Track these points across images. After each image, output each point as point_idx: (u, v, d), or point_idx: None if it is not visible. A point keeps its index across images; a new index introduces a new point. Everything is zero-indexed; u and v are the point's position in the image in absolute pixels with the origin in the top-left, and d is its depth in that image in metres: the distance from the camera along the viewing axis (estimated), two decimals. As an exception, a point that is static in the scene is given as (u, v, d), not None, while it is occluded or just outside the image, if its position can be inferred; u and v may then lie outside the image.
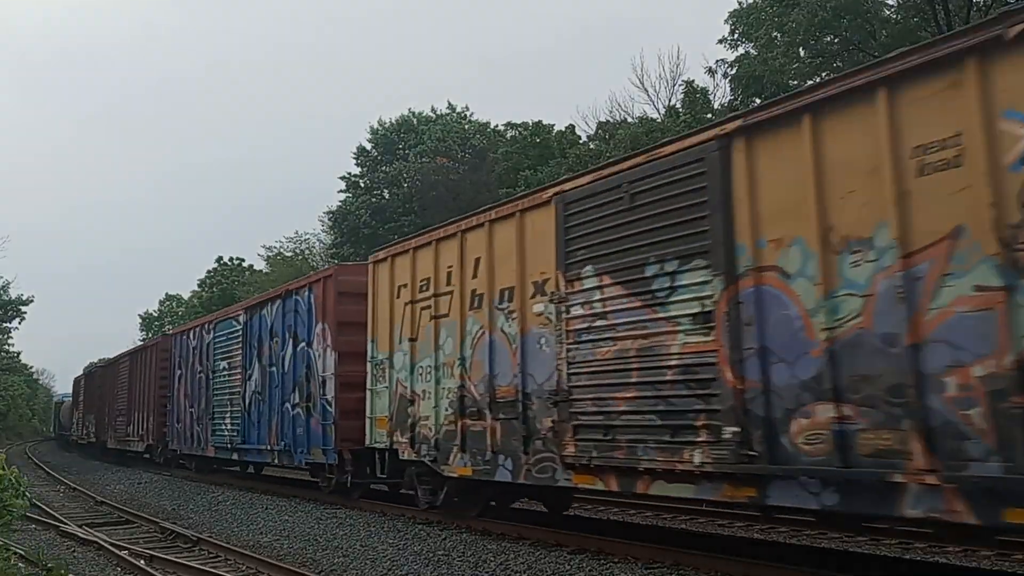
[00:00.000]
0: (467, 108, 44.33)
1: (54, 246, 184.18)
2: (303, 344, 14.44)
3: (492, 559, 8.54)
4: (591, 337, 8.05)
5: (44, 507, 15.01)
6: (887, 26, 24.99)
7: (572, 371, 8.24)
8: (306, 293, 14.51)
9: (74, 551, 10.65)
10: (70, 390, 55.02)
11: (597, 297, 8.03)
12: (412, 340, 11.10)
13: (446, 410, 10.38)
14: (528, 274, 9.03)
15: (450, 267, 10.46)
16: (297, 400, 14.46)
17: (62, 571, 8.66)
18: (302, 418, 14.20)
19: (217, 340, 19.01)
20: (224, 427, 18.27)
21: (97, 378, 34.77)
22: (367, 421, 12.12)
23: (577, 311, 8.24)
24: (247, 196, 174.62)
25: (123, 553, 9.97)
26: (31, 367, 78.30)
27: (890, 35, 23.72)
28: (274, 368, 15.61)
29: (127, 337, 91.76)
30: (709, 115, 27.14)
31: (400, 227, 33.58)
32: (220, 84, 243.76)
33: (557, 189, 8.81)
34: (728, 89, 29.31)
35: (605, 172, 8.20)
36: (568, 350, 8.29)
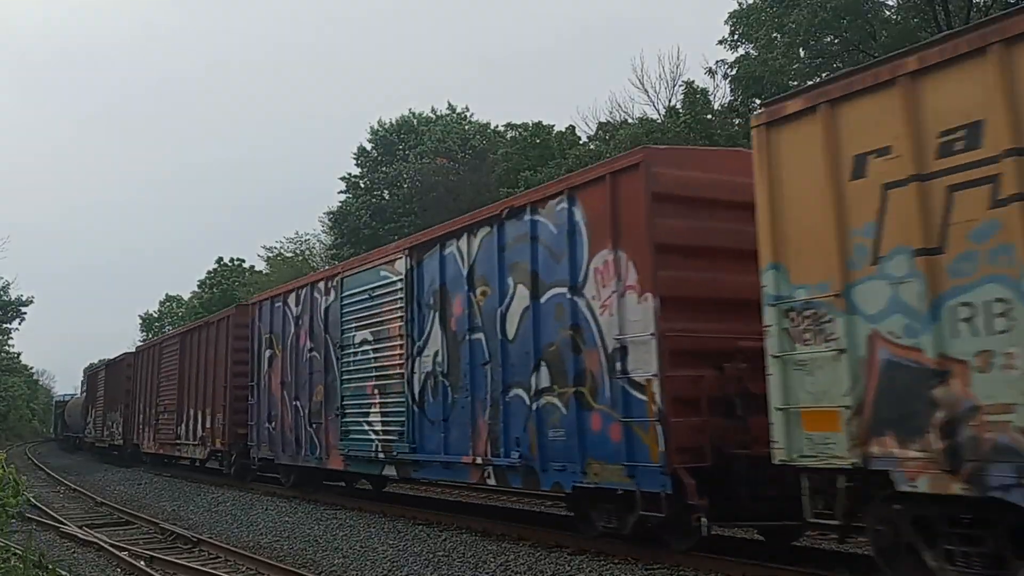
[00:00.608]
0: (467, 109, 44.52)
1: (54, 246, 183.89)
2: (558, 291, 8.90)
3: (492, 560, 8.54)
4: None
5: (44, 508, 15.01)
6: (887, 27, 25.01)
7: None
8: (560, 207, 8.93)
9: (74, 552, 10.66)
10: (71, 390, 54.24)
11: None
12: (927, 253, 5.89)
13: None
14: None
15: None
16: (547, 384, 8.97)
17: (61, 572, 8.65)
18: (563, 413, 8.72)
19: (348, 302, 13.15)
20: (366, 428, 12.50)
21: (124, 368, 29.06)
22: (778, 416, 6.67)
23: None
24: (247, 196, 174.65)
25: (123, 554, 9.99)
26: (31, 368, 78.40)
27: (890, 36, 23.72)
28: (479, 335, 10.10)
29: (127, 337, 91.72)
30: (709, 116, 27.17)
31: (400, 228, 33.65)
32: (220, 84, 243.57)
33: None
34: (728, 90, 29.32)
35: None
36: None
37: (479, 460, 9.98)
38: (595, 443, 8.34)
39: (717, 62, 30.07)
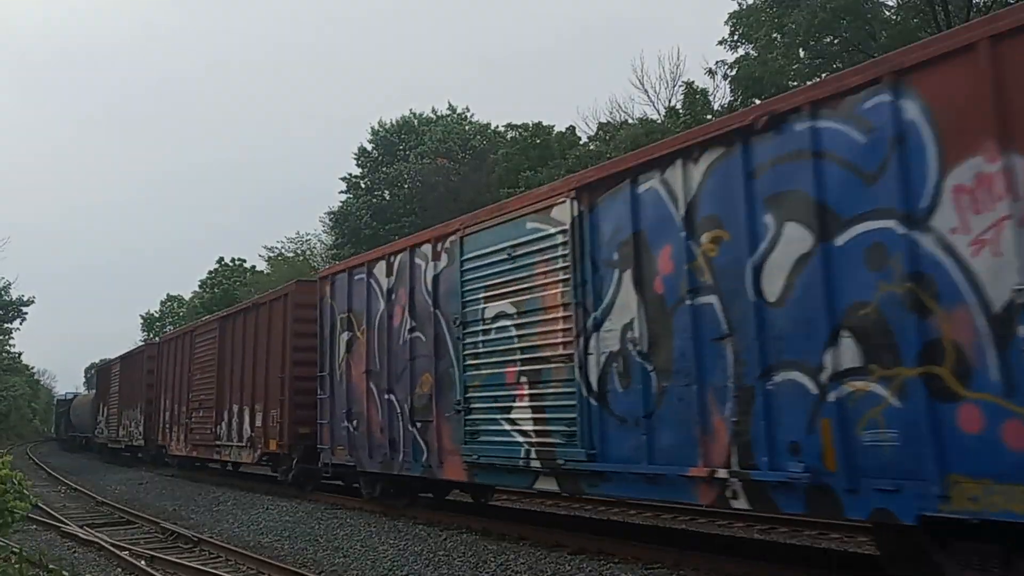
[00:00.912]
0: (467, 109, 44.75)
1: (54, 246, 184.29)
2: (874, 226, 6.12)
3: (492, 559, 8.55)
4: None
5: (45, 507, 15.04)
6: (887, 27, 25.04)
7: None
8: (874, 102, 6.09)
9: (75, 551, 10.68)
10: (71, 389, 53.89)
11: None
12: None
13: None
14: None
15: None
16: (855, 363, 6.18)
17: (62, 572, 8.68)
18: (894, 406, 5.94)
19: (472, 266, 10.22)
20: (507, 428, 9.44)
21: (144, 361, 26.41)
22: None
23: None
24: (247, 196, 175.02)
25: (124, 554, 10.00)
26: (32, 368, 78.48)
27: (890, 36, 23.75)
28: (708, 298, 7.20)
29: (127, 337, 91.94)
30: (709, 116, 27.18)
31: (401, 228, 33.72)
32: (220, 84, 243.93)
33: None
34: (728, 90, 29.38)
35: None
36: None
37: (721, 473, 6.94)
38: (968, 451, 5.51)
39: (717, 62, 30.16)
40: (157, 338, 30.88)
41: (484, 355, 9.91)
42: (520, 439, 9.20)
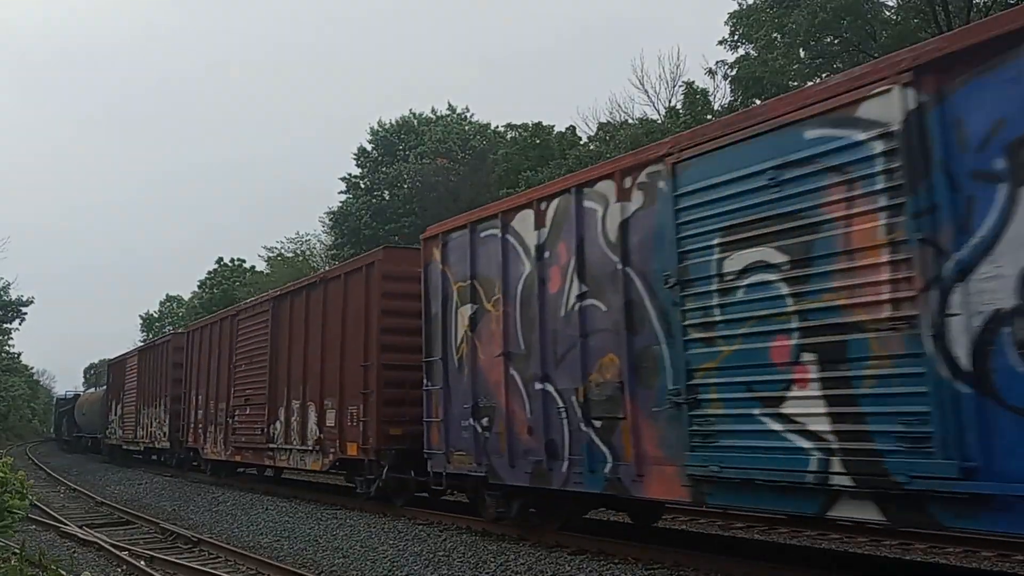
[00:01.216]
0: (467, 109, 44.73)
1: (54, 246, 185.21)
2: None
3: (492, 560, 8.55)
4: None
5: (44, 508, 15.04)
6: (887, 27, 25.05)
7: None
8: None
9: (74, 552, 10.67)
10: (71, 388, 53.63)
11: None
12: None
13: None
14: None
15: None
16: None
17: (61, 572, 8.67)
18: None
19: (698, 203, 7.25)
20: (776, 428, 6.49)
21: (170, 353, 23.38)
22: None
23: None
24: (247, 196, 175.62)
25: (123, 554, 10.00)
26: (31, 368, 78.53)
27: (890, 36, 23.76)
28: None
29: (127, 337, 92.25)
30: (709, 116, 27.18)
31: (400, 228, 33.75)
32: (220, 84, 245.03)
33: None
34: (728, 90, 29.40)
35: None
36: None
37: None
38: None
39: (717, 63, 30.22)
40: (155, 338, 30.24)
41: (724, 325, 7.02)
42: (806, 444, 6.32)
